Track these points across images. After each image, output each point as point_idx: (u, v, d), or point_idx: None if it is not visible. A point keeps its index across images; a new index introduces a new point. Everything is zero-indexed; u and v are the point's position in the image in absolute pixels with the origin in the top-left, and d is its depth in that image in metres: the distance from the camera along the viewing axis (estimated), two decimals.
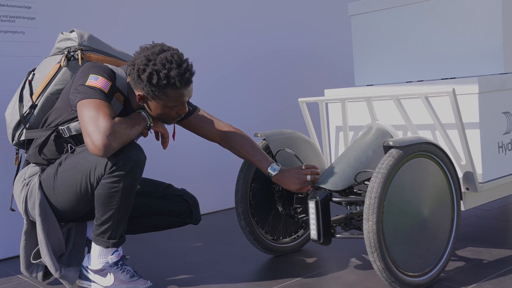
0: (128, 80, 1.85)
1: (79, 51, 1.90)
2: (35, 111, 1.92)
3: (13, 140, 1.98)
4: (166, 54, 1.73)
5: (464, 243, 2.26)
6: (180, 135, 2.98)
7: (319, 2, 3.64)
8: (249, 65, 3.28)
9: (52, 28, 2.52)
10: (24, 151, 2.01)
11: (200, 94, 3.06)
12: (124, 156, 1.72)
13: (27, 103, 1.92)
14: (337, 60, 3.74)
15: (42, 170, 1.88)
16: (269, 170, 1.98)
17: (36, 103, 1.92)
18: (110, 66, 1.87)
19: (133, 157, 1.73)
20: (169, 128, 2.76)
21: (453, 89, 1.83)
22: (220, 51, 3.15)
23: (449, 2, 2.27)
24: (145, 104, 1.82)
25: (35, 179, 1.87)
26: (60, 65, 1.90)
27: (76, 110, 1.81)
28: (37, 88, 1.92)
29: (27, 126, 1.93)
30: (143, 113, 1.82)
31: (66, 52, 1.91)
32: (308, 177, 1.96)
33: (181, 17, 2.98)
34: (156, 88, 1.73)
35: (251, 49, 3.29)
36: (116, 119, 1.72)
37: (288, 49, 3.47)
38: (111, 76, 1.82)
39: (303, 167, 1.98)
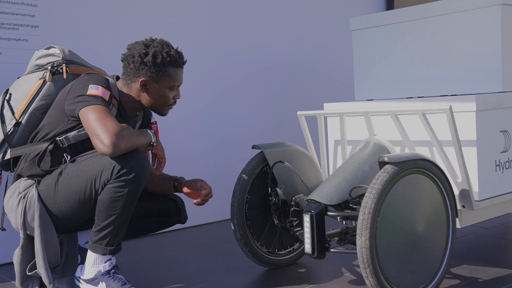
0: (118, 84, 1.96)
1: (63, 64, 1.96)
2: (20, 129, 1.94)
3: None
4: (159, 40, 1.94)
5: (460, 261, 2.25)
6: (178, 146, 2.99)
7: (321, 16, 3.66)
8: (250, 78, 3.30)
9: (55, 37, 2.54)
10: (11, 169, 2.01)
11: (202, 105, 3.07)
12: (130, 162, 1.76)
13: (10, 121, 1.94)
14: (337, 74, 3.75)
15: (38, 182, 1.88)
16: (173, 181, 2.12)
17: (20, 120, 1.93)
18: (101, 75, 1.92)
19: (139, 163, 1.77)
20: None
21: (450, 106, 1.83)
22: (222, 64, 3.16)
23: (449, 19, 2.28)
24: (145, 94, 1.92)
25: (33, 191, 1.86)
26: (45, 80, 1.94)
27: (74, 120, 1.85)
28: (19, 106, 1.94)
29: (11, 144, 1.94)
30: (149, 131, 1.89)
31: (49, 67, 1.95)
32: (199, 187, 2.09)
33: (184, 31, 3.00)
34: (160, 68, 1.89)
35: (253, 62, 3.30)
36: (123, 124, 1.79)
37: (289, 62, 3.48)
38: (107, 85, 1.88)
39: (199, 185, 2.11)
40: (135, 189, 1.79)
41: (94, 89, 1.83)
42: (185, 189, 2.09)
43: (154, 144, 1.88)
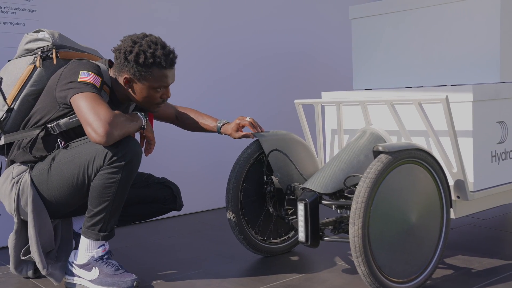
0: (110, 72, 1.92)
1: (53, 50, 1.93)
2: (12, 115, 1.92)
3: None
4: (151, 38, 1.87)
5: (454, 251, 2.25)
6: (173, 133, 2.99)
7: (320, 5, 3.63)
8: (248, 68, 3.28)
9: (53, 21, 2.53)
10: (5, 155, 2.00)
11: (198, 95, 3.06)
12: (123, 148, 1.76)
13: (3, 107, 1.92)
14: (336, 63, 3.73)
15: (31, 167, 1.88)
16: (217, 123, 2.19)
17: (12, 106, 1.92)
18: (92, 61, 1.90)
19: (132, 149, 1.77)
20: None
21: (446, 96, 1.82)
22: (219, 53, 3.15)
23: (448, 8, 2.26)
24: (129, 90, 1.90)
25: (26, 176, 1.86)
26: (35, 66, 1.91)
27: (66, 107, 1.83)
28: (11, 91, 1.92)
29: (4, 130, 1.94)
30: (139, 114, 1.87)
31: (40, 53, 1.92)
32: (247, 119, 2.15)
33: (182, 20, 2.98)
34: (143, 68, 1.84)
35: (251, 51, 3.29)
36: (116, 111, 1.77)
37: (288, 51, 3.47)
38: (99, 71, 1.86)
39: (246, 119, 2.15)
40: (128, 175, 1.79)
41: (85, 76, 1.80)
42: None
43: (145, 127, 1.87)
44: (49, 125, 1.86)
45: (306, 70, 3.56)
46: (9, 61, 2.02)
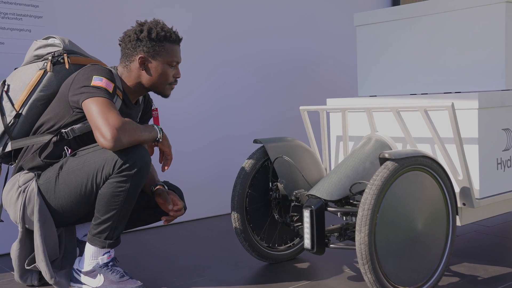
0: (119, 70, 1.96)
1: (64, 55, 1.95)
2: (20, 120, 1.93)
3: None
4: (152, 20, 1.95)
5: (460, 259, 2.25)
6: (178, 139, 2.99)
7: (325, 11, 3.64)
8: (254, 74, 3.29)
9: (58, 27, 2.54)
10: (12, 162, 2.00)
11: (205, 99, 3.07)
12: (133, 157, 1.76)
13: (11, 113, 1.93)
14: (341, 70, 3.74)
15: (38, 176, 1.88)
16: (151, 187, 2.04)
17: (20, 111, 1.92)
18: (104, 66, 1.92)
19: (141, 158, 1.77)
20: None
21: (452, 103, 1.82)
22: (226, 59, 3.16)
23: (454, 16, 2.27)
24: (144, 72, 1.92)
25: (33, 185, 1.86)
26: (45, 71, 1.93)
27: (79, 112, 1.84)
28: (19, 97, 1.93)
29: (12, 136, 1.94)
30: (155, 126, 1.89)
31: (50, 57, 1.94)
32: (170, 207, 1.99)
33: (189, 27, 3.00)
34: (156, 43, 1.90)
35: (257, 58, 3.30)
36: (126, 118, 1.78)
37: (293, 58, 3.48)
38: (111, 76, 1.88)
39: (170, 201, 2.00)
40: (136, 184, 1.79)
41: (98, 81, 1.82)
42: (158, 199, 2.00)
43: (160, 140, 1.88)
44: (63, 130, 1.86)
45: (310, 77, 3.56)
46: (15, 69, 2.02)
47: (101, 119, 1.73)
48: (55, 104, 1.91)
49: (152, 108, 2.14)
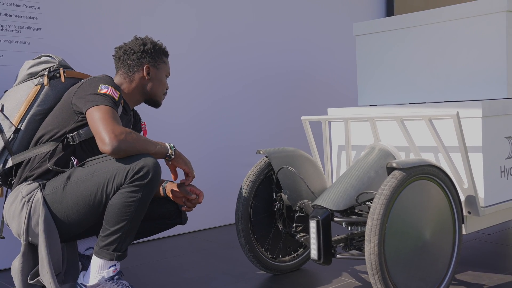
0: (116, 81, 2.03)
1: (60, 69, 2.02)
2: (19, 135, 1.95)
3: None
4: (145, 36, 2.10)
5: (464, 267, 2.25)
6: (183, 150, 2.98)
7: (325, 22, 3.66)
8: (256, 84, 3.30)
9: (57, 39, 2.53)
10: (11, 178, 1.99)
11: (207, 110, 3.06)
12: (144, 167, 1.76)
13: (9, 129, 1.94)
14: (340, 79, 3.76)
15: (43, 186, 1.86)
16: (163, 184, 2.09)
17: (19, 127, 1.94)
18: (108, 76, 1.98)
19: (153, 168, 1.77)
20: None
21: (457, 112, 1.83)
22: (228, 71, 3.16)
23: (454, 25, 2.28)
24: (149, 80, 2.04)
25: (38, 195, 1.84)
26: (42, 85, 1.97)
27: (84, 117, 1.87)
28: (17, 113, 1.95)
29: (12, 151, 1.94)
30: (167, 144, 1.90)
31: (46, 73, 1.99)
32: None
33: (191, 40, 2.99)
34: (158, 54, 2.06)
35: (258, 69, 3.31)
36: (127, 129, 1.82)
37: (293, 70, 3.49)
38: (116, 86, 1.93)
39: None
40: (148, 194, 1.78)
41: (104, 88, 1.88)
42: (176, 193, 2.02)
43: (172, 157, 1.88)
44: (69, 135, 1.87)
45: (310, 86, 3.57)
46: (5, 91, 2.04)
47: (102, 125, 1.77)
48: (56, 113, 1.92)
49: (141, 122, 2.19)
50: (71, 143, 1.89)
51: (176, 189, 2.03)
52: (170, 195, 2.04)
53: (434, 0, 4.59)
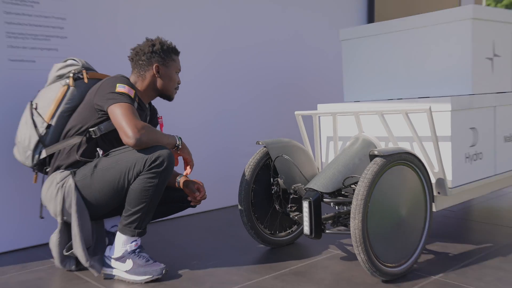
0: (131, 80, 2.04)
1: (83, 71, 2.05)
2: (51, 130, 2.00)
3: (33, 161, 2.01)
4: (157, 37, 2.08)
5: (433, 239, 2.31)
6: (188, 142, 3.02)
7: (314, 28, 3.70)
8: (253, 82, 3.33)
9: (81, 46, 2.56)
10: (46, 167, 2.04)
11: (210, 106, 3.10)
12: (160, 156, 1.81)
13: (42, 125, 1.99)
14: (329, 79, 3.80)
15: (74, 173, 1.92)
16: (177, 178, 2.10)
17: (50, 123, 1.99)
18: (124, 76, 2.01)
19: (168, 158, 1.83)
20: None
21: (430, 107, 1.88)
22: (229, 70, 3.19)
23: (427, 31, 2.32)
24: (159, 78, 2.03)
25: (70, 181, 1.89)
26: (68, 86, 2.02)
27: (103, 114, 1.90)
28: (48, 111, 2.00)
29: (45, 144, 1.99)
30: (175, 136, 1.95)
31: (71, 75, 2.03)
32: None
33: (189, 36, 3.02)
34: (167, 53, 2.04)
35: (256, 68, 3.33)
36: (145, 123, 1.85)
37: (287, 70, 3.52)
38: (132, 85, 1.97)
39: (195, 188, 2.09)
40: (164, 180, 1.83)
41: (121, 88, 1.90)
42: (185, 189, 2.09)
43: (180, 147, 1.93)
44: (90, 129, 1.92)
45: (302, 84, 3.61)
46: (39, 91, 2.09)
47: (124, 121, 1.81)
48: (81, 111, 1.97)
49: (158, 116, 2.21)
50: (93, 136, 1.93)
51: (187, 189, 2.08)
52: (182, 187, 2.09)
53: (410, 8, 4.62)
